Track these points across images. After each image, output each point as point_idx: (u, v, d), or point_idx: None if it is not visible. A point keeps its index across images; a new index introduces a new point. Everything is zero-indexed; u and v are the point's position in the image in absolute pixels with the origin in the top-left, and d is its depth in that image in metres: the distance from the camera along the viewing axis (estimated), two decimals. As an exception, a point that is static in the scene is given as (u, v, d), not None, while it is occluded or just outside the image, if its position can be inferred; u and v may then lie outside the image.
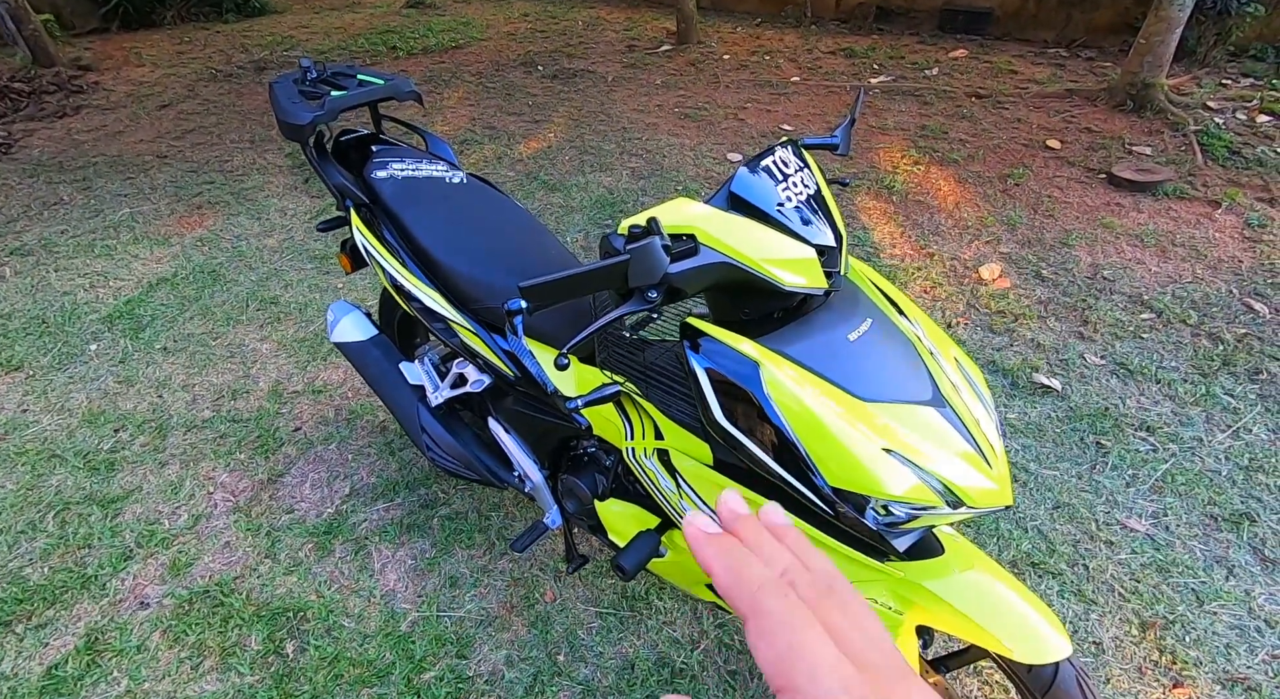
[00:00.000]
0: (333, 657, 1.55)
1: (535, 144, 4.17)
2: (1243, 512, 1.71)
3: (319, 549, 1.80)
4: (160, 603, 1.68)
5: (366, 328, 1.66)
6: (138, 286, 2.93)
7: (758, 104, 4.64)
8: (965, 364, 0.95)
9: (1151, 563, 1.61)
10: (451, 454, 1.59)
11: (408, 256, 1.41)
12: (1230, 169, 3.39)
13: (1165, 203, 3.15)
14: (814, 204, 0.89)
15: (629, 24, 6.99)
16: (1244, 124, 3.84)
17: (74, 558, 1.80)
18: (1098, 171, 3.46)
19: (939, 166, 3.63)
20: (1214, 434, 1.94)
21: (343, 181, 1.46)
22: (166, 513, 1.92)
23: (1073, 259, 2.78)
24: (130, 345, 2.57)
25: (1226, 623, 1.48)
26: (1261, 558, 1.61)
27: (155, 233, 3.36)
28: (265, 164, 4.09)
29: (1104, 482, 1.82)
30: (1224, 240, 2.84)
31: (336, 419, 2.21)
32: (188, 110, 5.01)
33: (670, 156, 3.90)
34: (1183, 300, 2.50)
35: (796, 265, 0.82)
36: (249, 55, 6.27)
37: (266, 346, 2.55)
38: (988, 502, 0.83)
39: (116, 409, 2.28)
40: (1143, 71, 4.03)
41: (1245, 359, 2.20)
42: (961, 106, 4.40)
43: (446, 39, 6.54)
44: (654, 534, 1.15)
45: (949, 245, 2.94)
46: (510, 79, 5.37)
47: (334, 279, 2.94)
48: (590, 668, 1.50)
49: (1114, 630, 1.48)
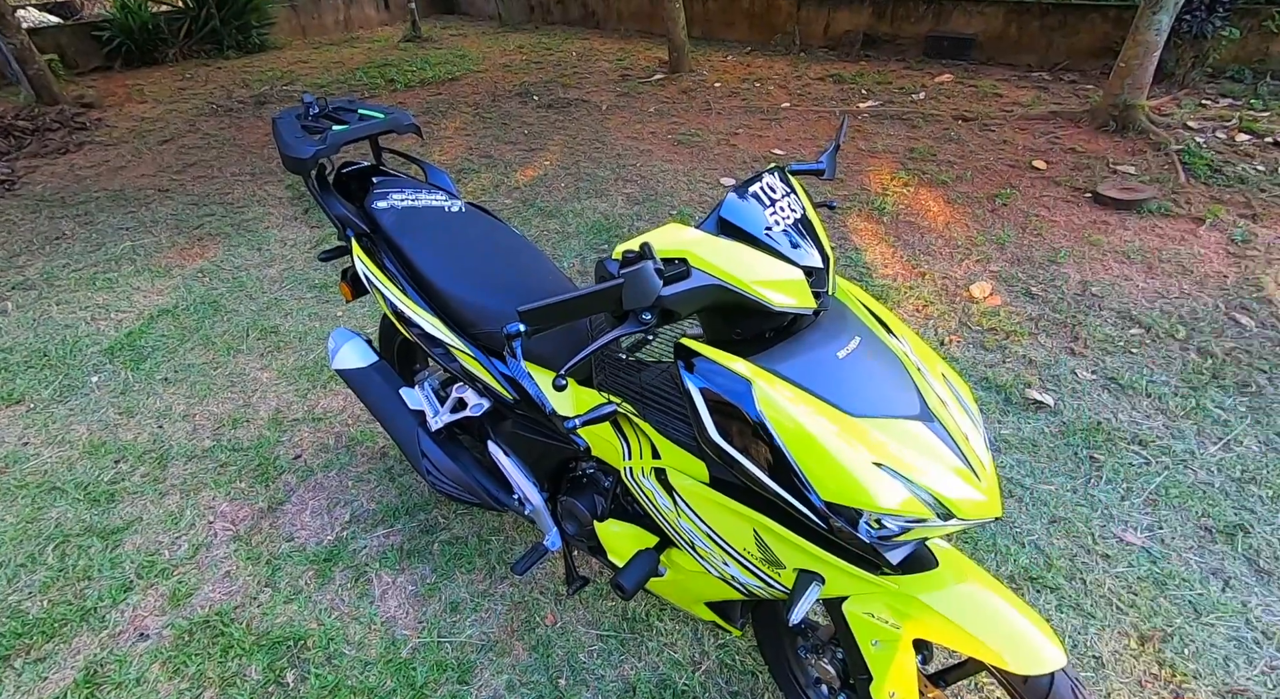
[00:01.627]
0: (333, 685, 1.54)
1: (531, 172, 4.25)
2: (1236, 523, 1.72)
3: (319, 577, 1.80)
4: (160, 634, 1.68)
5: (367, 354, 1.69)
6: (139, 318, 2.96)
7: (749, 130, 4.74)
8: (953, 380, 0.98)
9: (1148, 576, 1.62)
10: (451, 478, 1.60)
11: (408, 284, 1.45)
12: (1213, 186, 3.47)
13: (1150, 220, 3.21)
14: (801, 227, 0.92)
15: (622, 54, 7.16)
16: (1224, 142, 3.93)
17: (74, 590, 1.79)
18: (1083, 191, 3.53)
19: (928, 188, 3.71)
20: (1205, 447, 1.96)
21: (344, 212, 1.50)
22: (167, 543, 1.92)
23: (1061, 276, 2.83)
24: (131, 377, 2.59)
25: (1224, 635, 1.48)
26: (1256, 569, 1.62)
27: (156, 265, 3.40)
28: (265, 195, 4.15)
29: (1099, 495, 1.83)
30: (1209, 256, 2.89)
31: (336, 446, 2.23)
32: (189, 145, 5.10)
33: (664, 182, 3.97)
34: (1170, 315, 2.54)
35: (785, 286, 0.85)
36: (249, 90, 6.40)
37: (267, 375, 2.57)
38: (977, 513, 0.85)
39: (117, 440, 2.29)
40: (1124, 93, 4.14)
41: (1234, 372, 2.23)
42: (949, 129, 4.49)
43: (443, 71, 6.69)
44: (653, 553, 1.16)
45: (940, 264, 2.99)
46: (506, 109, 5.48)
47: (333, 307, 2.98)
48: (592, 692, 1.50)
49: (1113, 644, 1.48)
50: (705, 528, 1.03)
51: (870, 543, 0.85)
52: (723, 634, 1.59)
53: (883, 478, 0.82)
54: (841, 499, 0.82)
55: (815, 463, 0.83)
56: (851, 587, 0.95)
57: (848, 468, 0.82)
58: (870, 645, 1.00)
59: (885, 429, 0.85)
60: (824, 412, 0.85)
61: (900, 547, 0.89)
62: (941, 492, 0.83)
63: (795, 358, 0.89)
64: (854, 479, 0.82)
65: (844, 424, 0.85)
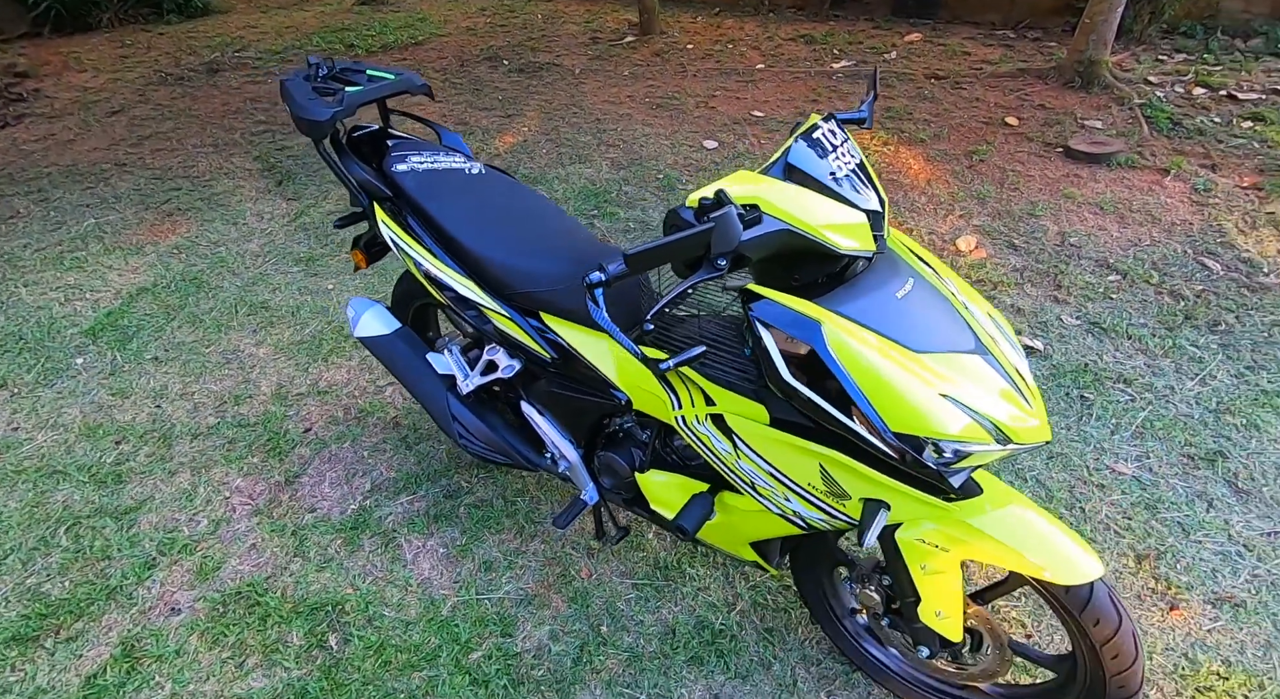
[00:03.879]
0: (378, 645, 1.57)
1: (510, 138, 4.17)
2: (1216, 450, 1.87)
3: (348, 544, 1.81)
4: (193, 607, 1.68)
5: (390, 321, 1.68)
6: (117, 297, 2.85)
7: (726, 91, 4.72)
8: (997, 317, 1.04)
9: (1140, 501, 1.75)
10: (484, 440, 1.62)
11: (437, 247, 1.44)
12: (1174, 139, 3.61)
13: (1119, 172, 3.34)
14: (859, 173, 0.96)
15: (589, 16, 6.98)
16: (1182, 96, 4.09)
17: (94, 570, 1.77)
18: (1055, 145, 3.64)
19: (907, 146, 3.77)
20: (1184, 382, 2.10)
21: (365, 176, 1.47)
22: (184, 520, 1.90)
23: (1041, 228, 2.94)
24: (119, 357, 2.51)
25: (1211, 550, 1.63)
26: (1236, 490, 1.77)
27: (127, 242, 3.26)
28: (233, 168, 3.99)
29: (1091, 431, 1.96)
30: (1175, 205, 3.04)
31: (346, 418, 2.21)
32: (141, 116, 4.83)
33: (647, 146, 3.95)
34: (1144, 262, 2.68)
35: (849, 230, 0.89)
36: (198, 57, 6.06)
37: (263, 351, 2.52)
38: (1030, 437, 0.92)
39: (114, 422, 2.23)
40: (1088, 49, 4.24)
41: (1204, 312, 2.38)
42: (922, 88, 4.55)
43: (404, 35, 6.43)
44: (707, 496, 1.21)
45: (925, 220, 3.07)
46: (476, 74, 5.33)
47: (323, 281, 2.91)
48: (633, 636, 1.56)
49: (1113, 564, 1.61)
50: (768, 467, 1.08)
51: (936, 469, 0.91)
52: (754, 576, 1.67)
53: (948, 407, 0.88)
54: (910, 429, 0.88)
55: (885, 397, 0.88)
56: (914, 512, 1.02)
57: (917, 399, 0.87)
58: (919, 569, 1.08)
59: (946, 363, 0.91)
60: (889, 348, 0.90)
61: (959, 472, 0.95)
62: (999, 418, 0.89)
63: (857, 299, 0.93)
64: (922, 410, 0.87)
65: (908, 359, 0.90)
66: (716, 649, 1.52)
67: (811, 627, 1.54)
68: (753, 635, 1.55)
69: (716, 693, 1.45)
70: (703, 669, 1.49)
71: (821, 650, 1.50)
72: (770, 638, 1.54)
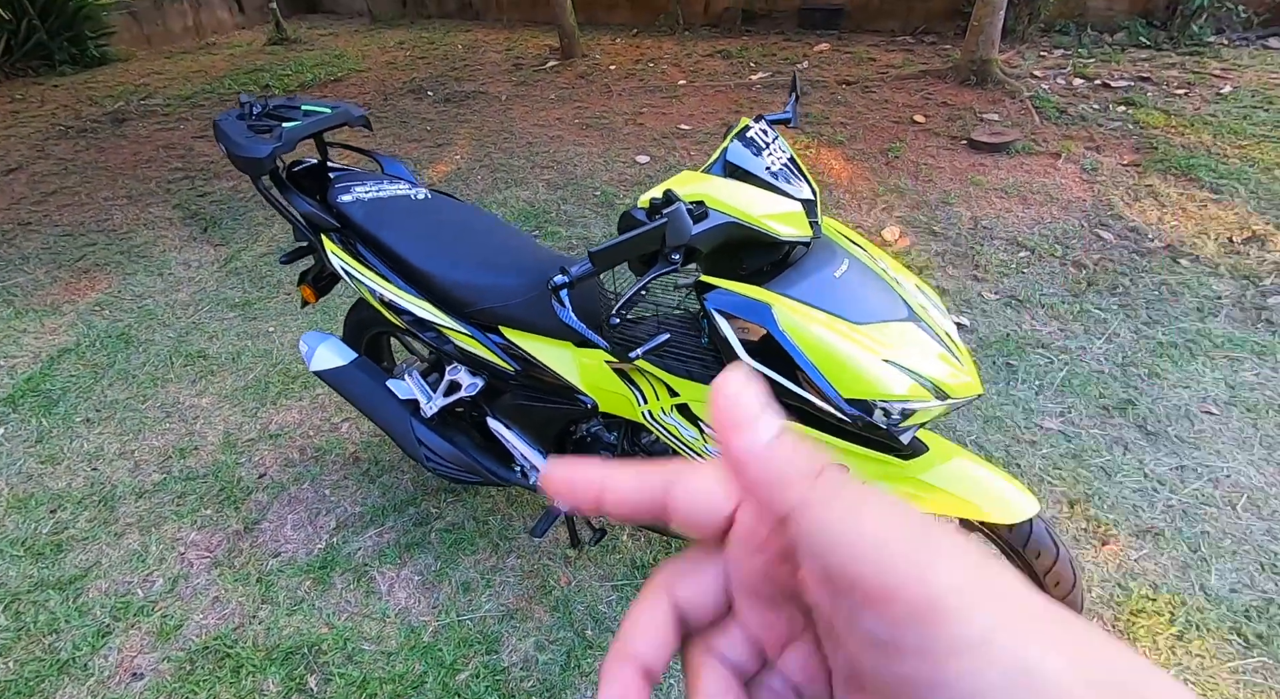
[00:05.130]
0: (360, 680, 1.55)
1: (444, 167, 4.18)
2: (1126, 399, 2.06)
3: (319, 584, 1.77)
4: (157, 669, 1.60)
5: (345, 352, 1.67)
6: (36, 361, 2.70)
7: (652, 108, 4.86)
8: (924, 287, 1.14)
9: (1067, 453, 1.91)
10: (452, 461, 1.63)
11: (390, 273, 1.46)
12: (1061, 125, 3.95)
13: (1018, 159, 3.63)
14: (791, 166, 1.05)
15: (509, 44, 7.07)
16: (1064, 88, 4.47)
17: (41, 646, 1.67)
18: (959, 139, 3.92)
19: (827, 148, 3.99)
20: (1093, 341, 2.30)
21: (311, 209, 1.48)
22: (137, 582, 1.82)
23: (956, 215, 3.16)
24: (46, 423, 2.38)
25: (1130, 489, 1.79)
26: (1146, 432, 1.95)
27: (40, 304, 3.09)
28: (151, 218, 3.84)
29: (1018, 394, 2.12)
30: (1068, 184, 3.33)
31: (303, 459, 2.16)
32: (42, 172, 4.59)
33: (580, 165, 4.03)
34: (1048, 238, 2.92)
35: (788, 218, 0.98)
36: (100, 108, 5.81)
37: (206, 401, 2.43)
38: (965, 392, 1.02)
39: (46, 490, 2.11)
40: (979, 50, 4.60)
41: (1104, 278, 2.61)
42: (835, 93, 4.82)
43: (323, 72, 6.35)
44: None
45: (852, 215, 3.25)
46: (401, 106, 5.31)
47: (264, 324, 2.84)
48: (620, 636, 1.59)
49: (1050, 511, 1.75)
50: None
51: (886, 428, 0.99)
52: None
53: (891, 371, 0.96)
54: (859, 393, 0.96)
55: (834, 366, 0.96)
56: (871, 472, 1.10)
57: (863, 366, 0.95)
58: (880, 528, 1.16)
59: (884, 331, 1.00)
60: (834, 323, 0.98)
61: (907, 431, 1.04)
62: (937, 376, 0.99)
63: (801, 282, 1.02)
64: (868, 375, 0.96)
65: (851, 330, 0.98)
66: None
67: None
68: (734, 620, 1.60)
69: (706, 679, 1.49)
70: (690, 659, 1.53)
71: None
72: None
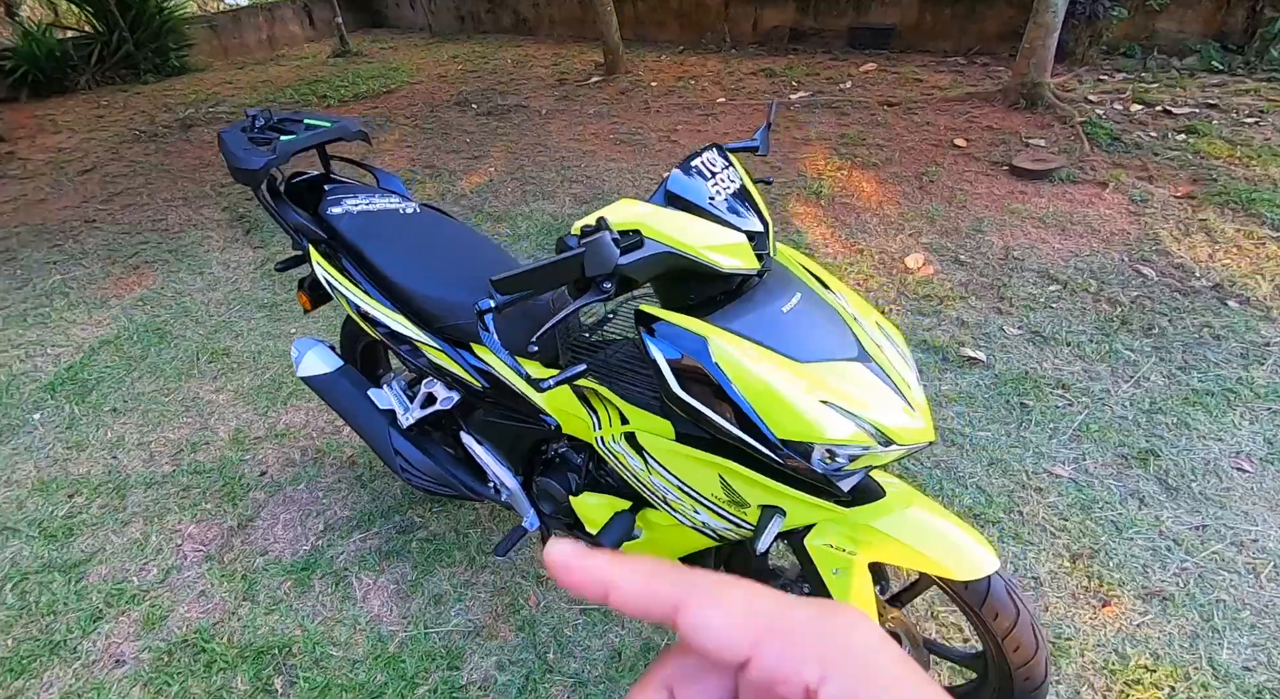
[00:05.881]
0: (323, 686, 1.56)
1: (476, 178, 4.27)
2: (1148, 449, 1.91)
3: (299, 585, 1.81)
4: (138, 658, 1.66)
5: (331, 360, 1.71)
6: (79, 352, 2.87)
7: (688, 125, 4.87)
8: (886, 326, 1.09)
9: (1076, 503, 1.79)
10: (426, 473, 1.64)
11: (370, 286, 1.48)
12: (1113, 153, 3.76)
13: (1061, 187, 3.46)
14: (740, 197, 1.02)
15: (557, 59, 7.22)
16: (1121, 113, 4.26)
17: (39, 626, 1.75)
18: (1001, 164, 3.78)
19: (860, 170, 3.90)
20: (1119, 385, 2.16)
21: (300, 220, 1.52)
22: (134, 570, 1.89)
23: (986, 244, 3.03)
24: (77, 410, 2.52)
25: (1142, 546, 1.65)
26: (1166, 487, 1.80)
27: (91, 297, 3.29)
28: (202, 219, 4.06)
29: (1030, 437, 2.00)
30: (1113, 216, 3.15)
31: (303, 460, 2.22)
32: (113, 173, 4.92)
33: (609, 180, 4.05)
34: (1083, 271, 2.76)
35: (730, 249, 0.94)
36: (173, 114, 6.20)
37: (223, 397, 2.54)
38: (913, 438, 0.96)
39: (68, 475, 2.23)
40: (1030, 73, 4.43)
41: (1140, 317, 2.45)
42: (875, 115, 4.72)
43: (377, 85, 6.62)
44: (628, 514, 1.24)
45: (876, 240, 3.16)
46: (445, 118, 5.47)
47: (286, 325, 2.95)
48: (579, 661, 1.56)
49: (1049, 565, 1.63)
50: (675, 480, 1.11)
51: (823, 473, 0.94)
52: (700, 596, 1.67)
53: (829, 413, 0.91)
54: (794, 435, 0.92)
55: (769, 405, 0.92)
56: (810, 516, 1.05)
57: (797, 406, 0.91)
58: (831, 574, 1.10)
59: (828, 371, 0.95)
60: (772, 359, 0.94)
61: (850, 476, 0.99)
62: (880, 421, 0.93)
63: (744, 315, 0.98)
64: (804, 416, 0.91)
65: (791, 369, 0.94)
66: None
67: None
68: (698, 656, 1.55)
69: (661, 716, 1.45)
70: (648, 693, 1.49)
71: (765, 667, 1.50)
72: (716, 658, 1.54)
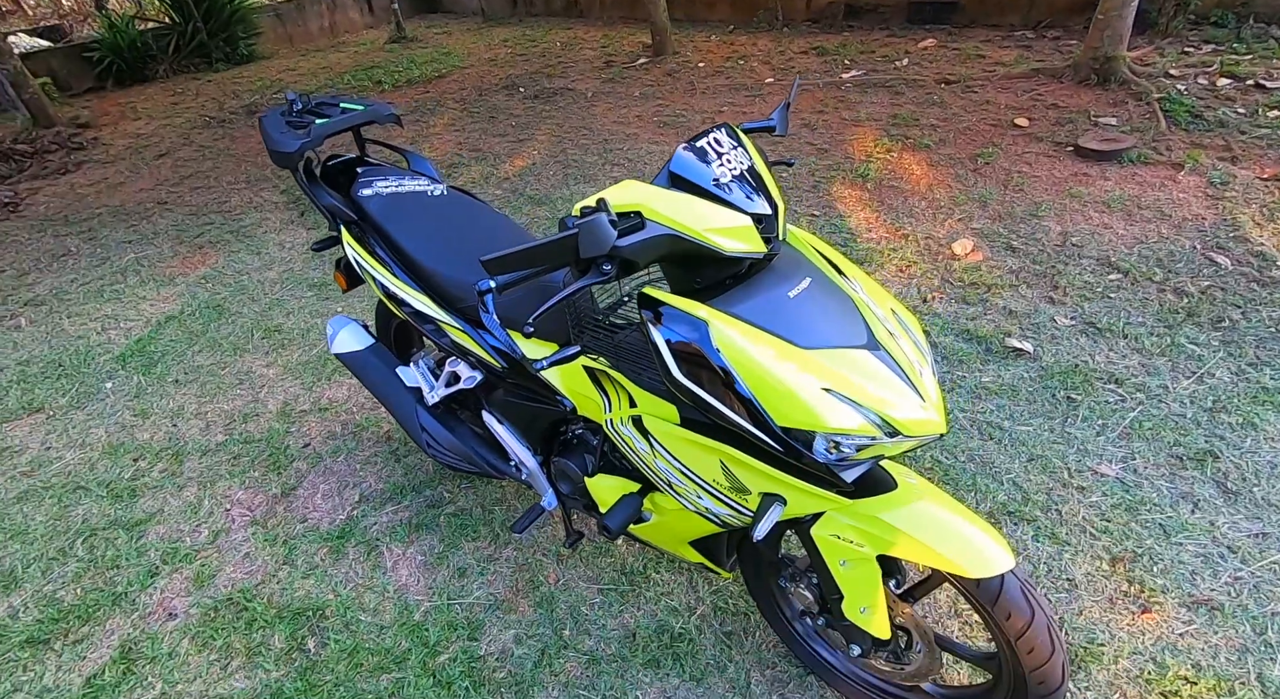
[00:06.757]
0: (352, 648, 1.64)
1: (520, 162, 4.31)
2: (1207, 450, 1.78)
3: (333, 553, 1.89)
4: (188, 613, 1.78)
5: (363, 338, 1.77)
6: (147, 326, 3.06)
7: (734, 107, 4.77)
8: (902, 314, 1.05)
9: (1121, 503, 1.69)
10: (451, 450, 1.69)
11: (396, 266, 1.52)
12: (1193, 132, 3.48)
13: (1130, 169, 3.24)
14: (749, 178, 0.99)
15: (605, 41, 7.18)
16: (1205, 88, 3.93)
17: (104, 578, 1.90)
18: (1065, 145, 3.56)
19: (911, 152, 3.74)
20: (1179, 381, 2.01)
21: (332, 202, 1.57)
22: (188, 531, 2.02)
23: (1042, 229, 2.87)
24: (143, 381, 2.69)
25: (1192, 552, 1.55)
26: (1224, 490, 1.68)
27: (160, 274, 3.50)
28: (261, 202, 4.24)
29: (1075, 433, 1.89)
30: (1188, 200, 2.93)
31: (343, 433, 2.32)
32: (184, 157, 5.20)
33: (651, 164, 4.02)
34: (1148, 259, 2.58)
35: (734, 232, 0.92)
36: (240, 101, 6.48)
37: (273, 372, 2.66)
38: (921, 430, 0.92)
39: (134, 440, 2.40)
40: (1104, 46, 4.14)
41: (1209, 309, 2.28)
42: (932, 94, 4.51)
43: (429, 70, 6.74)
44: (635, 496, 1.24)
45: (923, 225, 3.03)
46: (493, 102, 5.53)
47: (333, 304, 3.06)
48: (594, 639, 1.59)
49: (1086, 567, 1.55)
50: (679, 465, 1.11)
51: (825, 463, 0.92)
52: (715, 581, 1.67)
53: (831, 401, 0.89)
54: (795, 423, 0.90)
55: (769, 392, 0.90)
56: (815, 506, 1.03)
57: (798, 394, 0.89)
58: (839, 566, 1.08)
59: (833, 358, 0.92)
60: (775, 345, 0.92)
61: (856, 466, 0.96)
62: (886, 411, 0.90)
63: (749, 300, 0.96)
64: (804, 404, 0.89)
65: (794, 356, 0.92)
66: (674, 652, 1.53)
67: (769, 630, 1.54)
68: (711, 639, 1.55)
69: (670, 695, 1.46)
70: (659, 672, 1.50)
71: (777, 654, 1.49)
72: (728, 641, 1.54)
